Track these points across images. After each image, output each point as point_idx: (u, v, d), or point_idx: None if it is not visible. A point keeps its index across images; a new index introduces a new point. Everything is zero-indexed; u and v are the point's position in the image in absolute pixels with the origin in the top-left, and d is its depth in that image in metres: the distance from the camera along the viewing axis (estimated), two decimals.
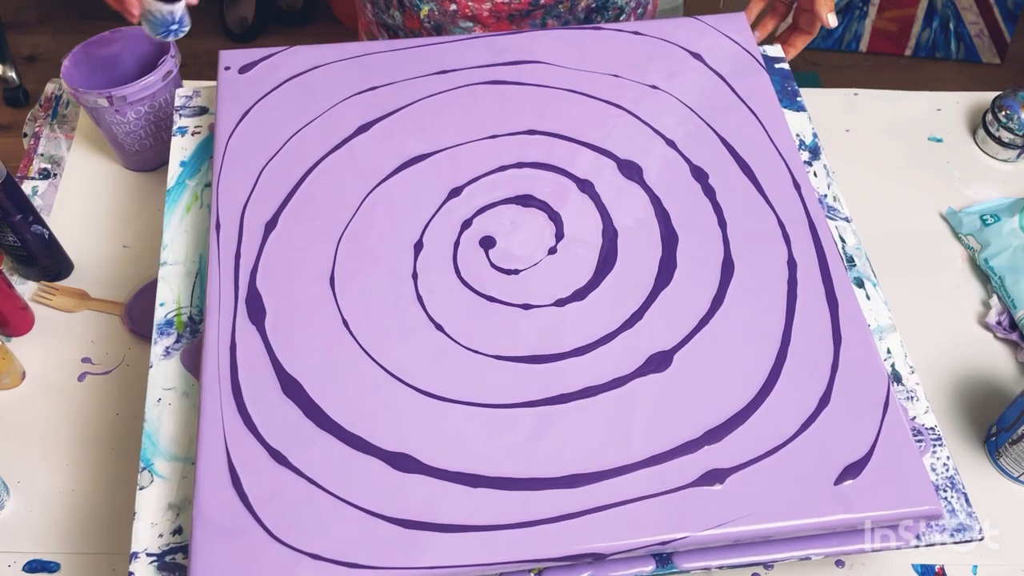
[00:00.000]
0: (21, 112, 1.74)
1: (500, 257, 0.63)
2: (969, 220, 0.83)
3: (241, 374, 0.57)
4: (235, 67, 0.73)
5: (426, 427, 0.55)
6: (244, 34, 1.92)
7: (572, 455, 0.54)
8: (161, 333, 0.63)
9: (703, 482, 0.54)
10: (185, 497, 0.56)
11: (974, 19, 1.91)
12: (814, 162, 0.74)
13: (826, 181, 0.73)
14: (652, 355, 0.58)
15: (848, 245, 0.69)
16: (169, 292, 0.65)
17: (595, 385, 0.57)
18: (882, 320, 0.65)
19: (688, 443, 0.55)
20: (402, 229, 0.64)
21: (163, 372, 0.61)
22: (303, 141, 0.69)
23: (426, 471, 0.54)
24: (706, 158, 0.69)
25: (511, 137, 0.69)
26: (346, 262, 0.62)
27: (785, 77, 0.79)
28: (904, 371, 0.63)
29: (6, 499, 0.66)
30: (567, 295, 0.61)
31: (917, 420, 0.61)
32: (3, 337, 0.74)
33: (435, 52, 0.74)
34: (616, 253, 0.63)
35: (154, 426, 0.59)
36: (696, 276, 0.62)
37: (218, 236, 0.63)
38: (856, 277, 0.67)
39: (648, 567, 0.55)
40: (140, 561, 0.54)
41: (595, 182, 0.67)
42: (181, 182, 0.71)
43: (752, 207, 0.66)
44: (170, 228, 0.68)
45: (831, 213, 0.71)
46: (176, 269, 0.66)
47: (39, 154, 0.87)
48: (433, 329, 0.59)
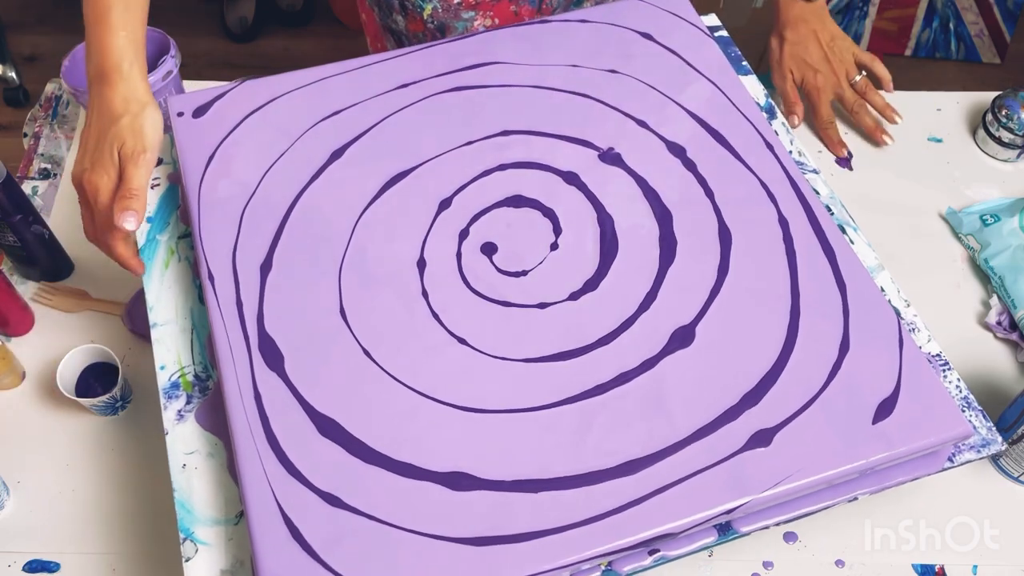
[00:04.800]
0: (21, 112, 1.73)
1: (505, 261, 0.63)
2: (969, 220, 0.82)
3: (273, 423, 0.55)
4: (188, 111, 0.70)
5: (473, 442, 0.55)
6: (244, 34, 1.89)
7: (620, 443, 0.55)
8: (169, 397, 0.61)
9: (751, 445, 0.55)
10: (236, 559, 0.54)
11: (974, 19, 1.89)
12: (772, 121, 0.76)
13: (788, 138, 0.75)
14: (675, 331, 0.59)
15: (823, 195, 0.71)
16: (167, 353, 0.62)
17: (627, 371, 0.58)
18: (869, 261, 0.68)
19: (728, 411, 0.56)
20: (401, 249, 0.63)
21: (181, 437, 0.59)
22: (278, 177, 0.67)
23: (484, 485, 0.53)
24: (679, 133, 0.70)
25: (487, 140, 0.69)
26: (352, 290, 0.61)
27: (726, 44, 0.81)
28: (901, 305, 0.66)
29: (6, 499, 0.66)
30: (579, 287, 0.62)
31: (923, 349, 0.64)
32: (3, 337, 0.74)
33: (392, 67, 0.73)
34: (617, 239, 0.64)
35: (185, 494, 0.57)
36: (697, 248, 0.63)
37: (214, 287, 0.61)
38: (838, 224, 0.69)
39: (711, 537, 0.56)
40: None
41: (580, 173, 0.67)
42: (152, 239, 0.68)
43: (733, 173, 0.68)
44: (152, 288, 0.66)
45: (801, 168, 0.73)
46: (169, 329, 0.63)
47: (39, 154, 0.87)
48: (456, 343, 0.59)
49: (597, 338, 0.59)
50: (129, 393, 0.71)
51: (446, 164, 0.68)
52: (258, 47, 1.90)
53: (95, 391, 0.70)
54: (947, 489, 0.69)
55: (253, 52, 1.89)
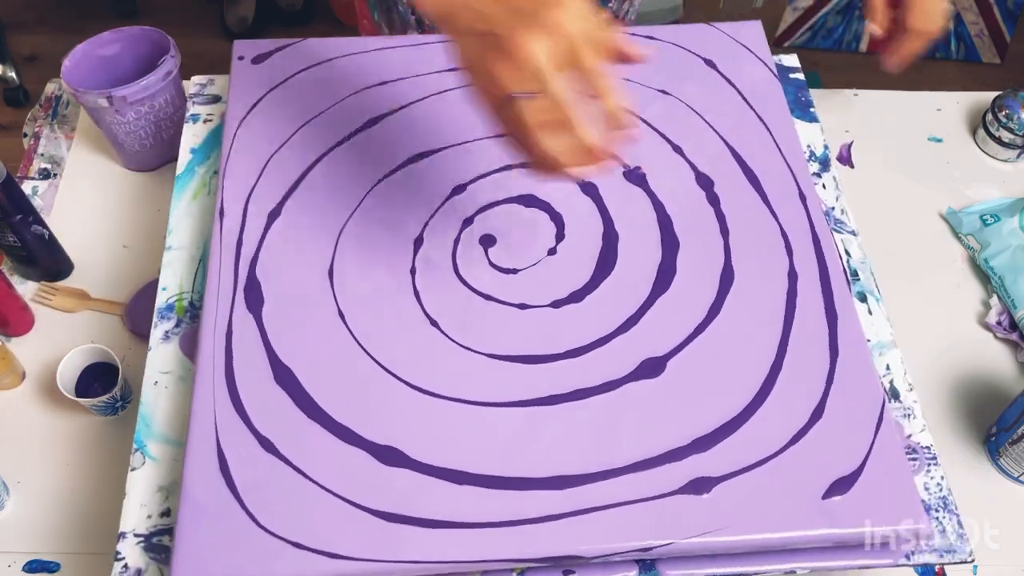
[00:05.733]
0: (21, 112, 1.71)
1: (499, 256, 0.63)
2: (969, 220, 0.82)
3: (235, 360, 0.58)
4: (248, 57, 0.74)
5: (415, 422, 0.56)
6: (244, 34, 1.89)
7: (559, 456, 0.54)
8: (162, 317, 0.64)
9: (689, 490, 0.53)
10: (175, 480, 0.57)
11: (974, 19, 1.89)
12: (823, 174, 0.73)
13: (834, 193, 0.72)
14: (645, 360, 0.58)
15: (853, 259, 0.68)
16: (172, 277, 0.66)
17: (586, 387, 0.57)
18: (883, 336, 0.65)
19: (676, 450, 0.55)
20: (403, 224, 0.64)
21: (161, 356, 0.62)
22: (311, 133, 0.69)
23: (412, 465, 0.54)
24: (712, 165, 0.68)
25: None
26: (346, 254, 0.63)
27: (799, 87, 0.79)
28: (903, 388, 0.62)
29: (6, 499, 0.66)
30: (564, 296, 0.61)
31: (913, 438, 0.61)
32: (3, 337, 0.74)
33: (438, 50, 0.74)
34: (616, 257, 0.63)
35: (149, 408, 0.60)
36: (695, 283, 0.62)
37: (221, 223, 0.64)
38: (859, 291, 0.66)
39: (631, 572, 0.55)
40: (127, 541, 0.55)
41: (598, 184, 0.67)
42: (191, 169, 0.72)
43: (756, 216, 0.66)
44: (176, 213, 0.69)
45: (838, 226, 0.70)
46: (180, 255, 0.67)
47: (39, 154, 0.86)
48: (428, 325, 0.60)
49: (566, 350, 0.59)
50: (129, 393, 0.70)
51: (471, 152, 0.68)
52: None
53: (95, 391, 0.70)
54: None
55: None
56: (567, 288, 0.62)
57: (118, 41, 0.82)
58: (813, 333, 0.60)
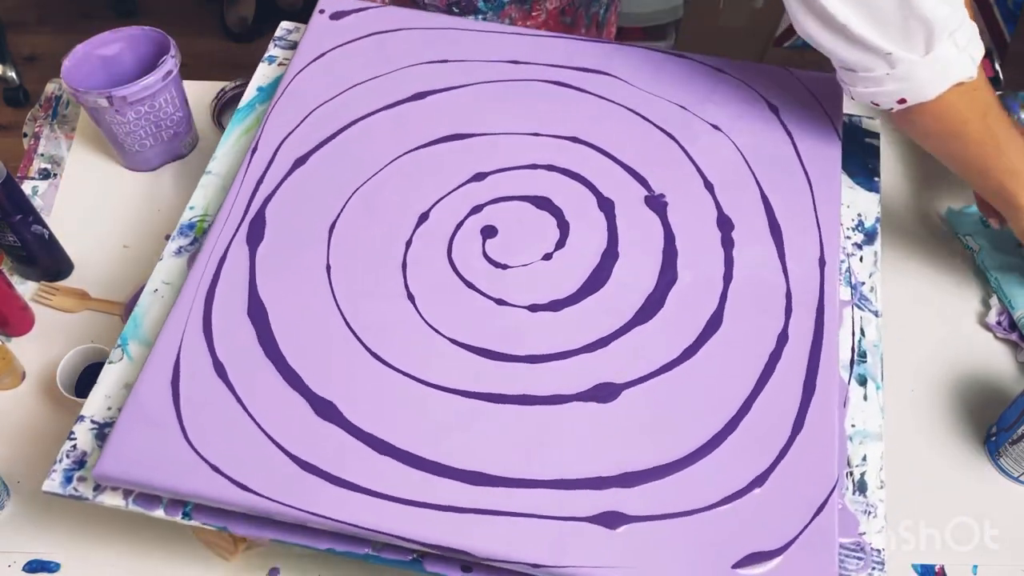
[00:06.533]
0: (21, 112, 1.68)
1: (495, 249, 0.64)
2: (969, 220, 0.82)
3: (219, 286, 0.61)
4: (328, 12, 0.77)
5: (360, 385, 0.57)
6: (244, 34, 1.88)
7: (484, 454, 0.55)
8: (181, 232, 0.68)
9: (600, 521, 0.52)
10: None
11: (974, 19, 1.76)
12: (865, 247, 0.70)
13: (869, 270, 0.68)
14: (601, 384, 0.57)
15: (867, 339, 0.65)
16: (201, 199, 0.70)
17: (534, 395, 0.57)
18: (871, 426, 0.61)
19: (600, 478, 0.54)
20: (415, 197, 0.66)
21: (168, 267, 0.66)
22: (359, 94, 0.71)
23: (344, 424, 0.55)
24: (739, 209, 0.66)
25: (553, 139, 0.69)
26: (352, 213, 0.65)
27: (870, 154, 0.75)
28: (873, 483, 0.59)
29: (6, 499, 0.66)
30: (543, 303, 0.61)
31: (866, 537, 0.57)
32: (3, 337, 0.74)
33: (514, 41, 0.75)
34: (608, 277, 0.62)
35: (143, 311, 0.64)
36: (679, 321, 0.60)
37: (251, 158, 0.67)
38: (861, 374, 0.63)
39: None
40: (83, 424, 0.59)
41: (617, 204, 0.66)
42: (251, 105, 0.76)
43: (765, 270, 0.63)
44: (226, 143, 0.73)
45: (862, 302, 0.66)
46: (215, 180, 0.71)
47: (39, 154, 0.86)
48: (404, 299, 0.61)
49: (525, 354, 0.59)
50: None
51: (505, 144, 0.69)
52: (258, 47, 1.82)
53: None
54: (947, 489, 0.69)
55: (253, 52, 1.80)
56: (548, 296, 0.61)
57: (118, 41, 0.82)
58: (782, 402, 0.57)
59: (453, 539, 0.52)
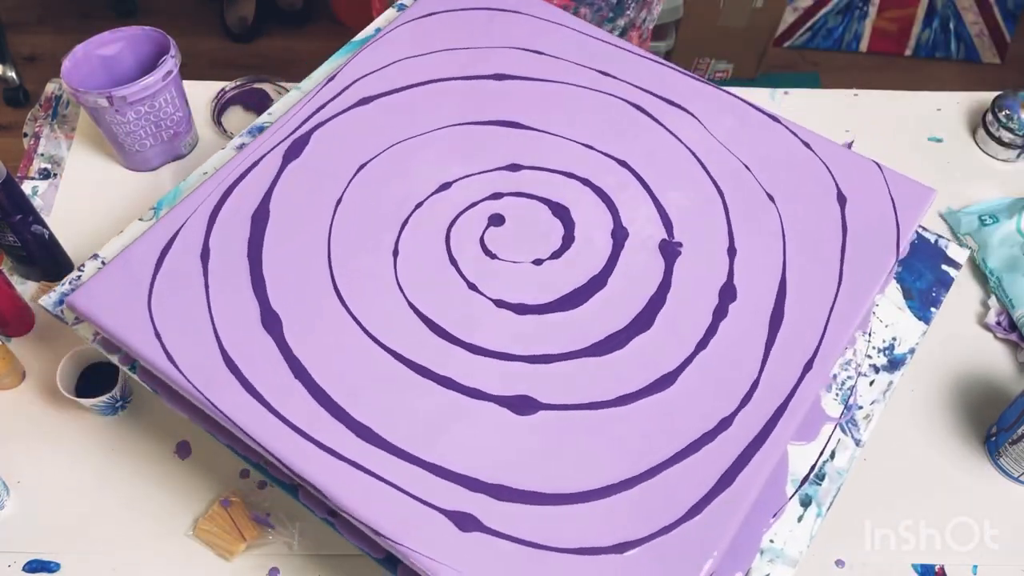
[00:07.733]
0: (21, 112, 1.71)
1: (493, 237, 0.62)
2: (968, 220, 0.82)
3: (241, 184, 0.63)
4: None
5: (309, 310, 0.58)
6: (244, 34, 1.87)
7: (387, 417, 0.54)
8: (250, 132, 0.70)
9: (454, 519, 0.51)
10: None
11: (974, 19, 1.88)
12: (883, 372, 0.63)
13: (874, 397, 0.62)
14: (523, 395, 0.55)
15: (833, 463, 0.58)
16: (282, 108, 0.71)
17: (458, 382, 0.55)
18: (791, 550, 0.55)
19: (476, 480, 0.52)
20: (446, 165, 0.65)
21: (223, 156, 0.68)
22: (445, 58, 0.71)
23: (278, 340, 0.56)
24: (750, 284, 0.61)
25: (603, 157, 0.66)
26: (360, 184, 0.64)
27: (939, 283, 0.68)
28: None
29: (6, 499, 0.66)
30: (512, 303, 0.59)
31: None
32: (3, 337, 0.73)
33: (608, 52, 0.73)
34: (584, 302, 0.59)
35: (187, 184, 0.66)
36: (628, 369, 0.57)
37: (324, 85, 0.68)
38: (808, 495, 0.57)
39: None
40: (94, 262, 0.62)
41: (632, 237, 0.63)
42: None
43: (742, 351, 0.58)
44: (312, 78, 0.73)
45: (848, 425, 0.60)
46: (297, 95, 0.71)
47: (39, 154, 0.86)
48: (390, 252, 0.61)
49: (469, 342, 0.57)
50: (129, 393, 0.70)
51: (550, 145, 0.67)
52: (258, 47, 1.87)
53: (95, 391, 0.68)
54: (947, 489, 0.69)
55: (253, 52, 1.85)
56: (520, 298, 0.59)
57: (118, 41, 0.81)
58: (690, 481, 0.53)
59: (317, 476, 0.51)
